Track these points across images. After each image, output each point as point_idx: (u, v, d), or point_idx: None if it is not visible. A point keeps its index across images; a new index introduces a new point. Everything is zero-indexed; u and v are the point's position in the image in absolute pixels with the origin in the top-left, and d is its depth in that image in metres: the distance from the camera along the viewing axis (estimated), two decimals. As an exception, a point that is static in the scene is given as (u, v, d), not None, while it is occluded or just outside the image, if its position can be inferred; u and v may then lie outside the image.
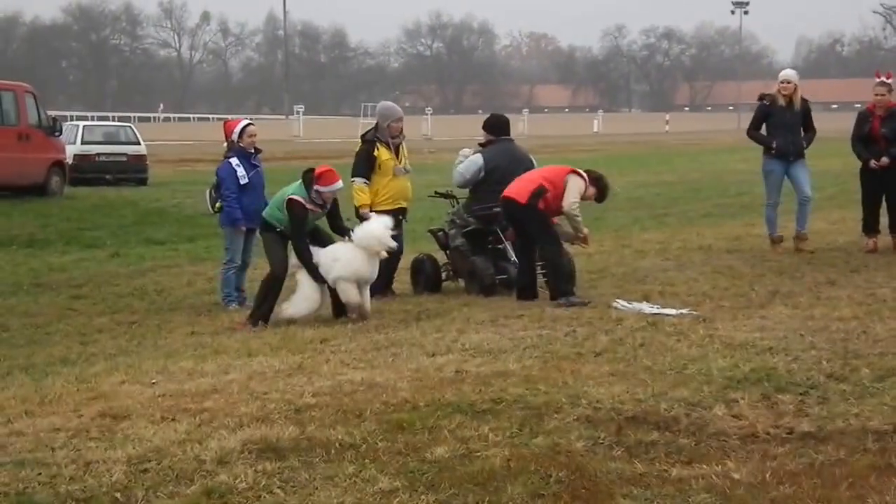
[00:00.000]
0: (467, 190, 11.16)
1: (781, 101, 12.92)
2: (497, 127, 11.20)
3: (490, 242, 10.89)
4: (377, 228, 9.63)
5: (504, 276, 10.70)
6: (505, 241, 10.84)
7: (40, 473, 5.33)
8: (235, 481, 5.16)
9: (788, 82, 12.92)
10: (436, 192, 11.93)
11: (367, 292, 9.78)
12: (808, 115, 13.12)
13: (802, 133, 13.06)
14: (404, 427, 5.91)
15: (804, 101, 13.07)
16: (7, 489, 5.14)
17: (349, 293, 9.58)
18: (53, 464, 5.47)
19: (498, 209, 10.61)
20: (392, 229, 9.77)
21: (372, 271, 9.71)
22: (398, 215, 10.85)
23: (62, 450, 5.70)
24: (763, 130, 13.15)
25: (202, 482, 5.17)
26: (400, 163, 10.96)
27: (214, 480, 5.18)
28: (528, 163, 11.08)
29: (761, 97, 13.29)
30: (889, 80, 12.91)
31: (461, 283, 11.17)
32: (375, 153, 10.82)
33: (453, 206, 11.37)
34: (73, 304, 11.74)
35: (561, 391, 6.59)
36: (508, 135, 11.22)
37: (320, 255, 9.71)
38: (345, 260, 9.60)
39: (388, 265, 10.75)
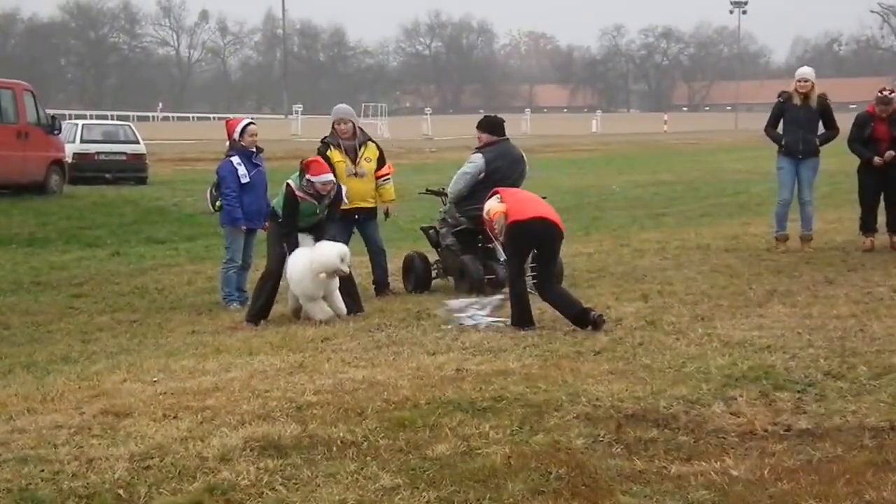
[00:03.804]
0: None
1: (797, 99, 12.94)
2: (495, 127, 11.16)
3: (480, 242, 10.89)
4: (327, 251, 9.55)
5: (492, 276, 10.68)
6: (495, 241, 10.75)
7: (43, 470, 5.36)
8: (238, 478, 5.20)
9: (805, 80, 12.93)
10: (427, 190, 12.05)
11: (336, 295, 9.76)
12: (828, 114, 13.09)
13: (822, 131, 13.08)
14: (405, 425, 5.95)
15: (822, 99, 13.06)
16: (10, 485, 5.17)
17: (312, 311, 9.63)
18: (56, 460, 5.50)
19: None
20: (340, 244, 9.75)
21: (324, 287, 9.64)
22: (355, 215, 10.88)
23: (64, 447, 5.73)
24: (780, 128, 13.16)
25: (204, 479, 5.21)
26: (356, 165, 10.89)
27: (217, 477, 5.22)
28: (523, 163, 11.11)
29: (780, 94, 13.30)
30: (893, 95, 12.91)
31: (451, 280, 11.22)
32: (328, 154, 10.81)
33: (444, 205, 11.39)
34: (74, 303, 11.76)
35: (561, 389, 6.63)
36: (504, 135, 11.21)
37: (295, 255, 9.74)
38: (296, 279, 9.60)
39: (378, 265, 11.11)
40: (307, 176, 9.77)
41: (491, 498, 4.95)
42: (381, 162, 11.14)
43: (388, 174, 11.22)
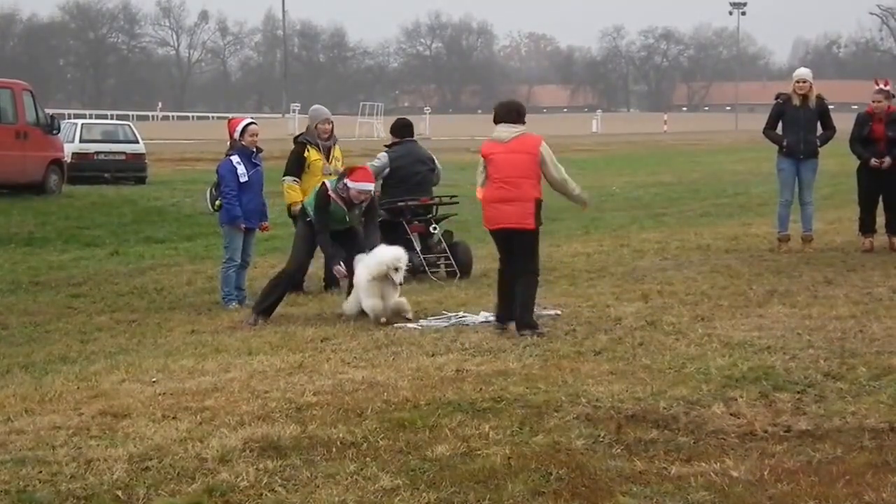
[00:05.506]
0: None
1: (796, 101, 12.97)
2: (401, 129, 12.20)
3: (399, 234, 11.58)
4: (383, 255, 9.52)
5: (408, 265, 11.29)
6: (410, 234, 11.71)
7: (41, 471, 5.35)
8: (237, 479, 5.19)
9: (804, 81, 12.96)
10: None
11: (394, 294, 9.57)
12: (826, 114, 13.14)
13: (820, 132, 13.11)
14: (405, 425, 5.94)
15: (820, 99, 13.09)
16: (8, 487, 5.16)
17: (375, 310, 9.40)
18: (54, 462, 5.49)
19: (402, 203, 11.65)
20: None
21: (390, 293, 9.47)
22: None
23: (63, 448, 5.72)
24: (779, 129, 13.17)
25: (203, 480, 5.20)
26: (330, 164, 11.38)
27: (216, 479, 5.21)
28: (430, 164, 12.07)
29: (778, 96, 13.33)
30: (887, 88, 12.97)
31: None
32: (305, 154, 11.38)
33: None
34: (73, 303, 11.73)
35: (561, 390, 6.63)
36: (412, 136, 12.25)
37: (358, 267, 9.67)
38: (361, 291, 9.50)
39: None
40: (345, 180, 9.71)
41: (491, 499, 4.94)
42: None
43: None
